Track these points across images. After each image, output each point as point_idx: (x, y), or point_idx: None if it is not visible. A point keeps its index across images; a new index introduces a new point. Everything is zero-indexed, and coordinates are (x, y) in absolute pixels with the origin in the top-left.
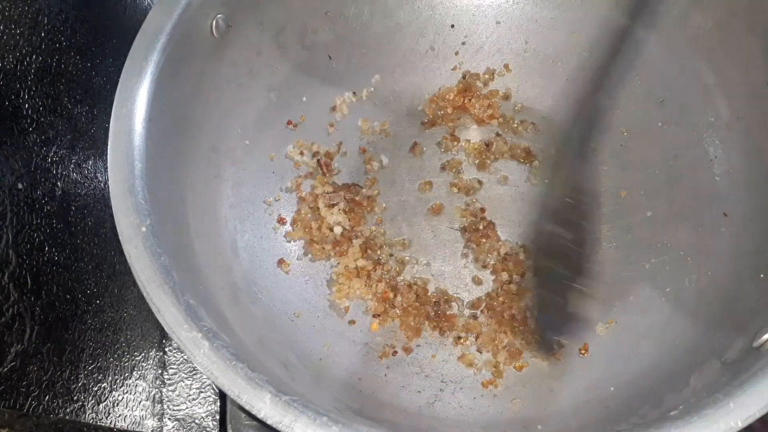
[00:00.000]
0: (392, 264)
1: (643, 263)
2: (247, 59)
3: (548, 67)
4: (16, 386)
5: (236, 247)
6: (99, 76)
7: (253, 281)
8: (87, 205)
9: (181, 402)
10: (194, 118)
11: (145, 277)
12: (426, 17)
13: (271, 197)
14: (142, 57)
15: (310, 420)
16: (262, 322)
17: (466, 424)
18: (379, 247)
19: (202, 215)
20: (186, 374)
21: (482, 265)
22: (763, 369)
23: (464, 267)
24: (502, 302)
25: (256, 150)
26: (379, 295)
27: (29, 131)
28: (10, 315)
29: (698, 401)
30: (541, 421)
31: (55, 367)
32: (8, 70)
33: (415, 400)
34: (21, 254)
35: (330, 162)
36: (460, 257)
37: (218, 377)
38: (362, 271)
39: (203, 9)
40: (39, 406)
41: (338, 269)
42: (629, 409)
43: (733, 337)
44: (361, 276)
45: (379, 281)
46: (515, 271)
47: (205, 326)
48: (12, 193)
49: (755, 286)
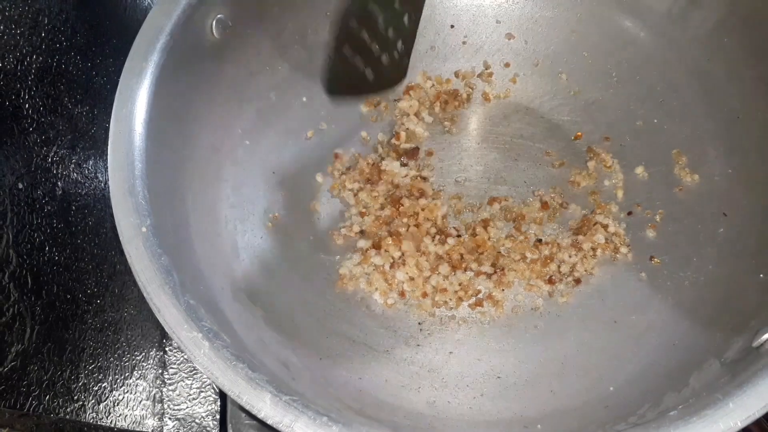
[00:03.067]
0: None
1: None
2: (247, 59)
3: (548, 67)
4: (16, 386)
5: (236, 247)
6: (99, 76)
7: (253, 281)
8: (87, 205)
9: (181, 401)
10: (194, 118)
11: (146, 278)
12: (426, 17)
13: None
14: (142, 57)
15: (310, 420)
16: (262, 322)
17: (466, 424)
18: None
19: (203, 215)
20: (186, 374)
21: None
22: (763, 369)
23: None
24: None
25: (256, 150)
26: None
27: (30, 131)
28: (11, 315)
29: (698, 401)
30: (541, 421)
31: (55, 366)
32: (8, 70)
33: (415, 400)
34: (21, 254)
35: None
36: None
37: (218, 377)
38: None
39: (203, 9)
40: (39, 406)
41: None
42: (629, 409)
43: (733, 337)
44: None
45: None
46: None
47: (205, 326)
48: (12, 192)
49: (755, 286)
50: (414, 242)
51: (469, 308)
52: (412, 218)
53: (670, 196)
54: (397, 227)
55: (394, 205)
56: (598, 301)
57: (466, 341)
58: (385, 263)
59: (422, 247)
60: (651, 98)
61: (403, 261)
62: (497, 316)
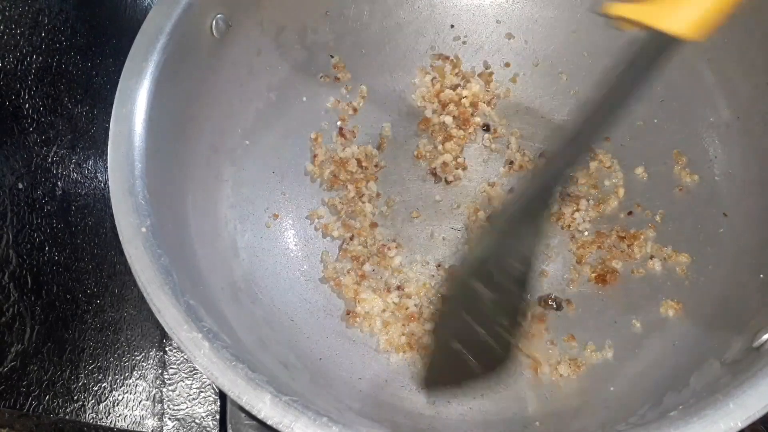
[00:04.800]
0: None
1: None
2: (247, 59)
3: (548, 67)
4: (16, 386)
5: (236, 247)
6: (99, 76)
7: (253, 281)
8: (87, 204)
9: (181, 402)
10: (194, 118)
11: (146, 278)
12: (426, 17)
13: (272, 197)
14: (142, 57)
15: (310, 420)
16: (262, 322)
17: (466, 424)
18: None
19: (203, 215)
20: (186, 374)
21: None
22: (763, 369)
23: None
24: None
25: (256, 150)
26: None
27: (29, 131)
28: (11, 315)
29: (698, 401)
30: (541, 421)
31: (55, 366)
32: (8, 70)
33: (415, 400)
34: (21, 254)
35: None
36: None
37: (218, 378)
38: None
39: (203, 9)
40: (39, 406)
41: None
42: (629, 409)
43: (733, 337)
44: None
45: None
46: None
47: (205, 327)
48: (12, 192)
49: (755, 286)
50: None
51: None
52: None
53: (670, 196)
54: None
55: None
56: (599, 301)
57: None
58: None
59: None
60: (651, 98)
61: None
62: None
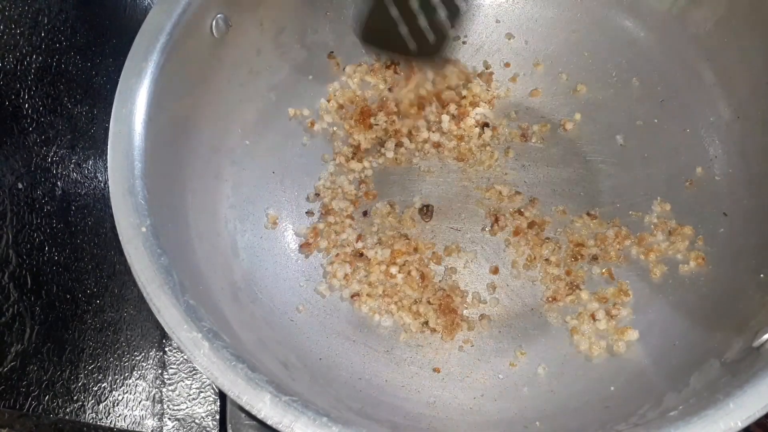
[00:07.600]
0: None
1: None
2: (247, 59)
3: (548, 67)
4: (16, 386)
5: (236, 247)
6: (99, 76)
7: (253, 281)
8: (87, 204)
9: (181, 402)
10: (194, 118)
11: (146, 278)
12: None
13: (272, 197)
14: (142, 57)
15: (310, 420)
16: (262, 322)
17: (466, 424)
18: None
19: (202, 215)
20: (186, 374)
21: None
22: (763, 369)
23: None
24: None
25: (256, 150)
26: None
27: (29, 131)
28: (10, 315)
29: (698, 401)
30: (541, 421)
31: (55, 366)
32: (8, 70)
33: (415, 400)
34: (21, 254)
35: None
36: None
37: (218, 378)
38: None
39: (203, 9)
40: (39, 406)
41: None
42: (629, 409)
43: (733, 337)
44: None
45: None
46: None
47: (205, 326)
48: (12, 192)
49: (755, 286)
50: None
51: (470, 308)
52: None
53: (669, 196)
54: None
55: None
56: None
57: (467, 341)
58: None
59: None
60: (651, 98)
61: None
62: (498, 316)
